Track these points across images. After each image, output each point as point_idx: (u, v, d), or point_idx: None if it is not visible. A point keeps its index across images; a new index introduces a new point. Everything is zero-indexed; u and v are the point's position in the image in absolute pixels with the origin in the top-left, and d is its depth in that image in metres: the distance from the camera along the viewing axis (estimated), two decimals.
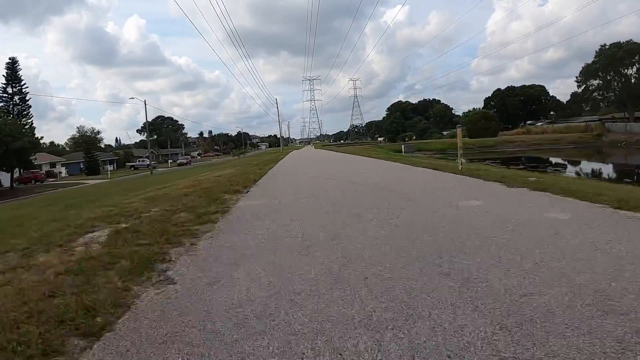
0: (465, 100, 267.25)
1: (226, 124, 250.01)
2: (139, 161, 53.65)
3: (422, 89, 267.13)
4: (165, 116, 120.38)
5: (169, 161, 59.18)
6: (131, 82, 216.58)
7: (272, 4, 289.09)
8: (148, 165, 51.38)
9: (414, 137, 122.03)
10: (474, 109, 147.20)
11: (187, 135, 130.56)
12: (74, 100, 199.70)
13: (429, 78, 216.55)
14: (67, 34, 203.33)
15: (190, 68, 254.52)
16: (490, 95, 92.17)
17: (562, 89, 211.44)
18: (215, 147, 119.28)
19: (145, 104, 34.52)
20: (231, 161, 36.70)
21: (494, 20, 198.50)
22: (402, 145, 47.88)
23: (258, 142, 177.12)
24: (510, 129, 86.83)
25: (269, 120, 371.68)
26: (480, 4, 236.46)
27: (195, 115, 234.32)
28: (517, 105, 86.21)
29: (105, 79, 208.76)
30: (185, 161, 56.66)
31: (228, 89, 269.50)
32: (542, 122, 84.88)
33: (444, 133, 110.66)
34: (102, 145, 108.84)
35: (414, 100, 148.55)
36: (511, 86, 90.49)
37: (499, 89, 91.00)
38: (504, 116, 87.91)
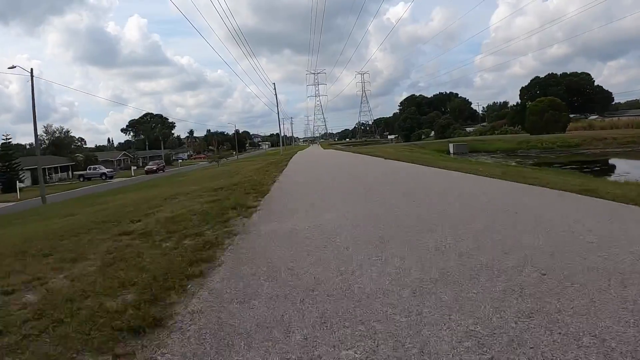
0: (470, 97, 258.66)
1: (230, 123, 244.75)
2: (90, 169, 40.27)
3: (426, 86, 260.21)
4: (155, 113, 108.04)
5: (132, 168, 45.15)
6: (133, 82, 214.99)
7: (274, 1, 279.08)
8: (102, 174, 38.39)
9: (432, 134, 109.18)
10: (494, 103, 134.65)
11: (177, 135, 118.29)
12: (77, 102, 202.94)
13: (432, 75, 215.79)
14: (68, 35, 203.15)
15: (193, 68, 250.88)
16: (527, 84, 78.43)
17: None
18: (210, 147, 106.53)
19: (31, 74, 21.37)
20: (194, 176, 23.96)
21: (498, 16, 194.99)
22: (451, 145, 34.72)
23: (259, 142, 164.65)
24: None
25: (273, 119, 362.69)
26: (485, 0, 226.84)
27: (198, 115, 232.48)
28: (562, 95, 72.44)
29: (108, 79, 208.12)
30: (155, 167, 42.93)
31: (231, 88, 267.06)
32: (592, 115, 71.65)
33: (469, 129, 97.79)
34: (94, 147, 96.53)
35: (423, 95, 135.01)
36: (552, 73, 77.06)
37: (537, 77, 77.62)
38: None
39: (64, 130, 72.42)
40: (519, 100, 78.37)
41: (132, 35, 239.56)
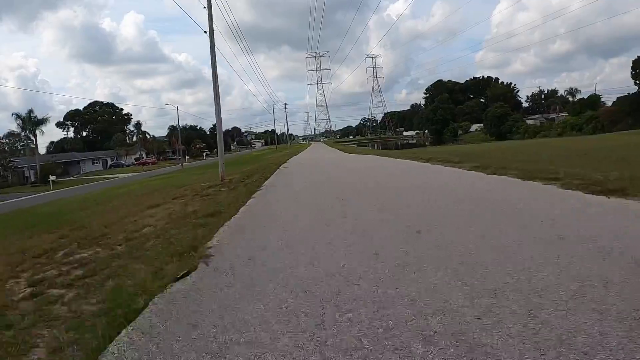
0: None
1: (229, 120, 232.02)
2: None
3: (426, 83, 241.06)
4: (105, 102, 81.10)
5: None
6: (131, 80, 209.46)
7: None
8: None
9: (474, 129, 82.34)
10: (540, 91, 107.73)
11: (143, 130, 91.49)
12: (74, 100, 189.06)
13: (432, 72, 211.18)
14: (64, 32, 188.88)
15: (191, 65, 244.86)
16: (636, 59, 51.29)
17: (568, 82, 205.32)
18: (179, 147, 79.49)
19: None
20: None
21: (499, 11, 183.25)
22: None
23: (252, 139, 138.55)
24: None
25: (271, 117, 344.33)
26: None
27: (197, 112, 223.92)
28: None
29: (105, 77, 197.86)
30: None
31: (230, 86, 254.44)
32: None
33: (529, 121, 71.04)
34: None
35: (454, 81, 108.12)
36: None
37: None
38: None
39: None
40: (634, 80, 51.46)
41: (128, 32, 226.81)
